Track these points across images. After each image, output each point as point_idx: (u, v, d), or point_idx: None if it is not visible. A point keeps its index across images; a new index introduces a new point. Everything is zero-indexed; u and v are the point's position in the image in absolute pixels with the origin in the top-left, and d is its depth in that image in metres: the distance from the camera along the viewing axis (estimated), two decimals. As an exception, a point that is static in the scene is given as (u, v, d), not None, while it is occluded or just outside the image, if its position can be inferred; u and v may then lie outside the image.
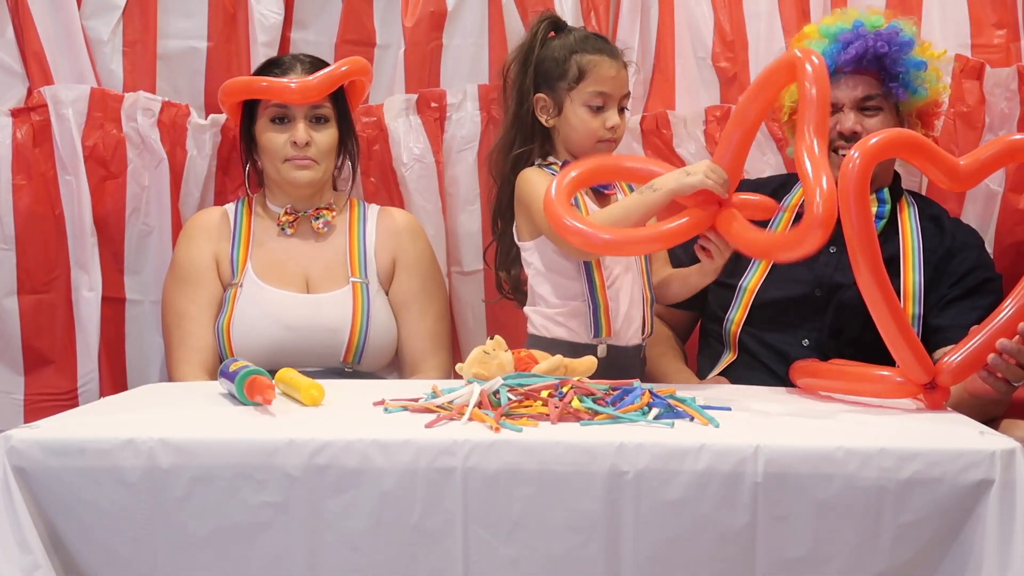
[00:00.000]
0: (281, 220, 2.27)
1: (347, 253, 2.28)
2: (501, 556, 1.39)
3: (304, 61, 2.28)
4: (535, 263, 2.05)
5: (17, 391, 2.43)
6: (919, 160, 1.72)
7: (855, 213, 1.62)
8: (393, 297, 2.30)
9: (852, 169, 1.62)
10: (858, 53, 2.15)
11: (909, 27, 2.19)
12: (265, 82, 2.24)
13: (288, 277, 2.24)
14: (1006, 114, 2.41)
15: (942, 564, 1.41)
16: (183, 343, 2.22)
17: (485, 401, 1.57)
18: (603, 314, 2.00)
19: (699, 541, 1.39)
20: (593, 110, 2.02)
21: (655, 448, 1.39)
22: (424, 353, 2.29)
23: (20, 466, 1.41)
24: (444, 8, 2.50)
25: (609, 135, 2.03)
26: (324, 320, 2.20)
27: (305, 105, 2.24)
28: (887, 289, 1.66)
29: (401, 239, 2.32)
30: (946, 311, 2.12)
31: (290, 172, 2.24)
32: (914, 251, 2.17)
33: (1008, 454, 1.39)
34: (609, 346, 2.00)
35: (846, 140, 2.16)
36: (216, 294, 2.25)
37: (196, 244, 2.28)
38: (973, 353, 1.70)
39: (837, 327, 2.16)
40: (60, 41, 2.40)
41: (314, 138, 2.24)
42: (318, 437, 1.41)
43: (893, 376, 1.75)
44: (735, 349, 2.21)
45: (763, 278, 2.20)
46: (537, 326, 2.04)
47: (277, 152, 2.24)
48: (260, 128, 2.27)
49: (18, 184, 2.37)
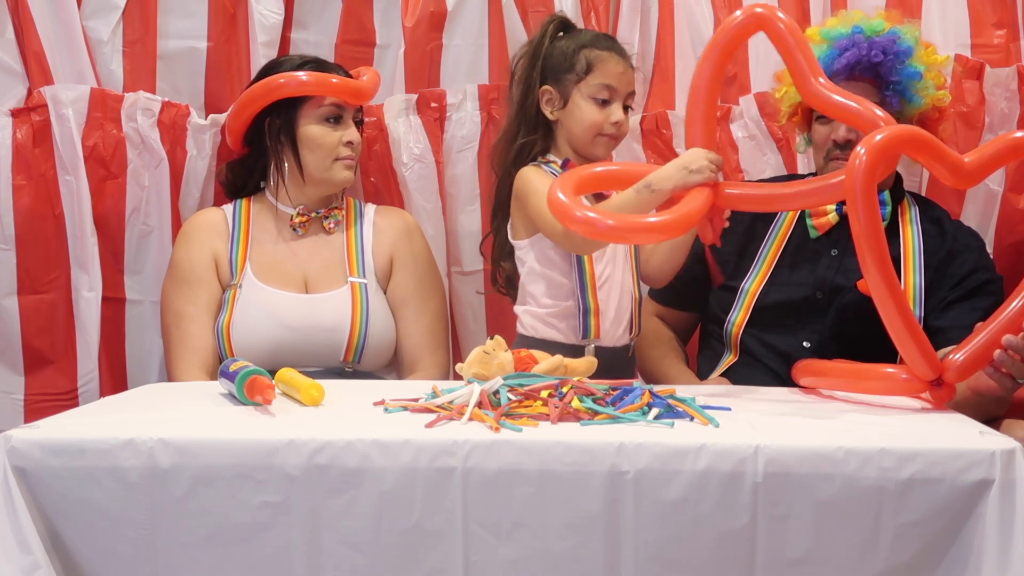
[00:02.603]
0: (294, 221, 2.29)
1: (345, 253, 2.29)
2: (501, 556, 1.39)
3: (333, 64, 2.34)
4: (529, 261, 2.05)
5: (17, 391, 2.43)
6: (925, 157, 1.72)
7: (863, 210, 1.61)
8: (391, 295, 2.31)
9: (859, 166, 1.61)
10: (850, 62, 2.14)
11: (910, 33, 2.17)
12: (336, 79, 2.27)
13: (287, 278, 2.25)
14: (1006, 114, 2.41)
15: (942, 564, 1.41)
16: (182, 343, 2.23)
17: (485, 401, 1.57)
18: (593, 316, 2.01)
19: (699, 541, 1.39)
20: (599, 103, 2.04)
21: (655, 448, 1.39)
22: (422, 351, 2.30)
23: (20, 466, 1.41)
24: (444, 8, 2.50)
25: (612, 130, 2.04)
26: (323, 320, 2.21)
27: (354, 107, 2.31)
28: (894, 285, 1.66)
29: (398, 238, 2.33)
30: (946, 312, 2.12)
31: (340, 171, 2.27)
32: (915, 253, 2.17)
33: (1008, 454, 1.39)
34: (597, 347, 2.01)
35: (840, 148, 2.16)
36: (215, 294, 2.25)
37: (195, 245, 2.28)
38: (979, 350, 1.70)
39: (838, 329, 2.16)
40: (60, 41, 2.40)
41: (356, 139, 2.30)
42: (318, 437, 1.41)
43: (898, 373, 1.75)
44: (736, 351, 2.21)
45: (765, 280, 2.20)
46: (527, 326, 2.05)
47: (330, 150, 2.26)
48: (306, 125, 2.27)
49: (18, 184, 2.37)
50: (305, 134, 2.27)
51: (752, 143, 2.51)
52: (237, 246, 2.27)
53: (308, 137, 2.27)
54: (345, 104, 2.28)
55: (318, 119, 2.27)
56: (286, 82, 2.26)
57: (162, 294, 2.32)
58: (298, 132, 2.27)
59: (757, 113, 2.49)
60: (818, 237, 2.21)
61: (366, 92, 2.33)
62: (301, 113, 2.27)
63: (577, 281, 2.01)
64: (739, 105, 2.52)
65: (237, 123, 2.33)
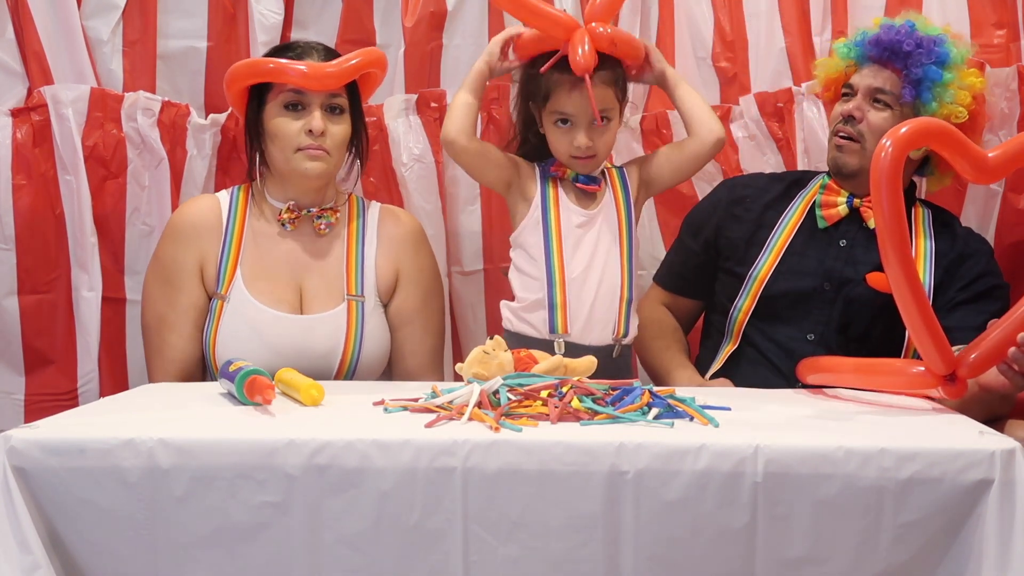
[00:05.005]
0: (282, 216, 2.13)
1: (344, 265, 2.15)
2: (501, 556, 1.39)
3: (318, 48, 2.16)
4: (514, 258, 2.12)
5: (17, 391, 2.43)
6: (949, 151, 1.72)
7: (887, 202, 1.61)
8: (394, 312, 2.18)
9: (884, 158, 1.61)
10: (881, 39, 2.16)
11: (956, 47, 2.17)
12: (277, 64, 2.09)
13: (280, 291, 2.11)
14: (1006, 114, 2.41)
15: (942, 564, 1.41)
16: (160, 353, 2.12)
17: (485, 401, 1.57)
18: (560, 311, 2.03)
19: (699, 541, 1.39)
20: (561, 128, 2.08)
21: (655, 448, 1.39)
22: (422, 369, 2.19)
23: (20, 466, 1.41)
24: (444, 8, 2.50)
25: (580, 152, 2.07)
26: (315, 345, 2.08)
27: (322, 93, 2.09)
28: (914, 279, 1.66)
29: (405, 249, 2.19)
30: (953, 313, 2.12)
31: (301, 162, 2.09)
32: (926, 254, 2.18)
33: (1008, 454, 1.39)
34: (568, 344, 2.02)
35: (844, 122, 2.18)
36: (198, 300, 2.12)
37: (181, 245, 2.13)
38: (993, 347, 1.70)
39: (844, 322, 2.16)
40: (60, 41, 2.40)
41: (329, 129, 2.09)
42: (318, 437, 1.41)
43: (910, 368, 1.75)
44: (737, 339, 2.21)
45: (772, 269, 2.20)
46: (505, 319, 2.11)
47: (290, 140, 2.08)
48: (270, 115, 2.11)
49: (18, 184, 2.38)
50: (269, 123, 2.11)
51: (752, 143, 2.51)
52: (229, 248, 2.13)
53: (270, 127, 2.11)
54: (305, 90, 2.08)
55: (279, 107, 2.09)
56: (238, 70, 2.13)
57: (145, 282, 2.21)
58: (264, 122, 2.12)
59: (757, 113, 2.50)
60: (827, 228, 2.22)
61: (329, 77, 2.08)
62: (267, 101, 2.11)
63: (545, 277, 2.05)
64: (739, 105, 2.52)
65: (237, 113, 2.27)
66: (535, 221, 2.09)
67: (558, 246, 2.07)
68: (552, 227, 2.08)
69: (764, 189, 2.29)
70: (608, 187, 2.14)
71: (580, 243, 2.08)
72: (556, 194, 2.10)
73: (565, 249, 2.06)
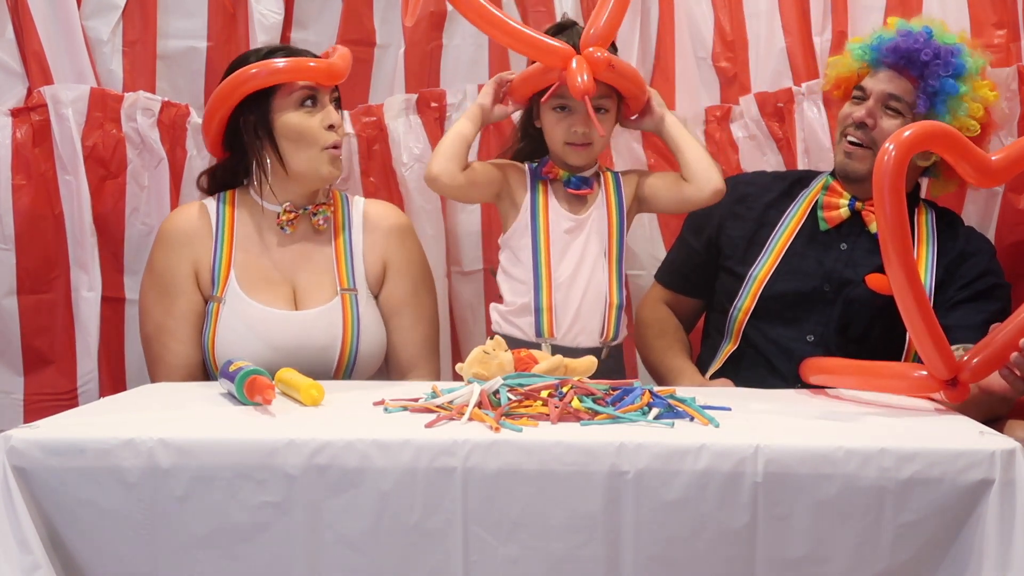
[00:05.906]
0: (281, 219, 2.12)
1: (334, 260, 2.15)
2: (501, 556, 1.39)
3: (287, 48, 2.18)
4: (502, 260, 2.14)
5: (17, 391, 2.43)
6: (952, 154, 1.72)
7: (889, 206, 1.61)
8: (384, 303, 2.18)
9: (888, 161, 1.61)
10: (899, 47, 2.15)
11: (973, 57, 2.17)
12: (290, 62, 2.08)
13: (274, 289, 2.11)
14: (1006, 114, 2.41)
15: (942, 564, 1.41)
16: (162, 360, 2.12)
17: (485, 401, 1.57)
18: (545, 314, 2.06)
19: (699, 541, 1.39)
20: (558, 113, 2.09)
21: (655, 448, 1.39)
22: (416, 359, 2.19)
23: (20, 466, 1.41)
24: (444, 8, 2.50)
25: (576, 139, 2.09)
26: (314, 340, 2.08)
27: (329, 88, 2.11)
28: (916, 282, 1.66)
29: (390, 241, 2.18)
30: (953, 311, 2.12)
31: (324, 164, 2.09)
32: (928, 253, 2.18)
33: (1008, 454, 1.39)
34: (555, 347, 2.03)
35: (855, 128, 2.18)
36: (195, 304, 2.11)
37: (174, 252, 2.11)
38: (995, 352, 1.70)
39: (843, 323, 2.16)
40: (60, 41, 2.40)
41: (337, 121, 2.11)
42: (318, 437, 1.41)
43: (912, 372, 1.75)
44: (736, 339, 2.21)
45: (773, 269, 2.20)
46: (495, 322, 2.13)
47: (316, 137, 2.07)
48: (284, 115, 2.08)
49: (18, 184, 2.37)
50: (283, 124, 2.08)
51: (752, 143, 2.51)
52: (221, 251, 2.12)
53: (286, 127, 2.08)
54: (318, 86, 2.09)
55: (293, 106, 2.08)
56: (257, 71, 2.08)
57: (140, 293, 2.19)
58: (275, 124, 2.09)
59: (757, 113, 2.50)
60: (828, 230, 2.22)
61: (339, 71, 2.12)
62: (274, 105, 2.08)
63: (532, 282, 2.07)
64: (739, 105, 2.52)
65: (212, 126, 2.14)
66: (524, 225, 2.11)
67: (546, 251, 2.09)
68: (540, 232, 2.10)
69: (767, 188, 2.30)
70: (601, 190, 2.14)
71: (568, 248, 2.09)
72: (546, 199, 2.11)
73: (553, 254, 2.08)
